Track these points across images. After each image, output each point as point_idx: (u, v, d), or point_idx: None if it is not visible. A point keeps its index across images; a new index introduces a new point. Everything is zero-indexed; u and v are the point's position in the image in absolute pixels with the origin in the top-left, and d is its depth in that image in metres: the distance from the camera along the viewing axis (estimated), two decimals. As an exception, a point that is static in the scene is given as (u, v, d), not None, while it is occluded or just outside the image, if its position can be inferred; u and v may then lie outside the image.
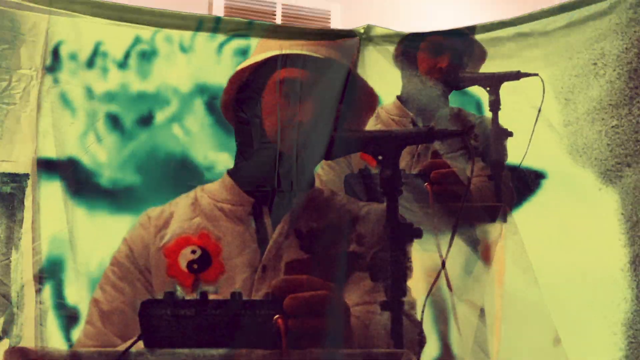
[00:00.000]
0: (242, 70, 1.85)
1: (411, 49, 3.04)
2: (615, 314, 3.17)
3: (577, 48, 3.28)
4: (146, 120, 3.62)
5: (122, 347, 1.44)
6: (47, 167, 3.65)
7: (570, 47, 3.26)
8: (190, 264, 1.83)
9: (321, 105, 1.82)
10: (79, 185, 3.62)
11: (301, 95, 1.82)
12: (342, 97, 1.85)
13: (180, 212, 1.91)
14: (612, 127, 3.23)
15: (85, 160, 3.67)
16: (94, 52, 3.59)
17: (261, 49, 1.88)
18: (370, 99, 1.91)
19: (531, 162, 3.29)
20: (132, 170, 3.64)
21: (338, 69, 1.83)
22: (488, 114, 2.91)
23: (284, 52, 1.82)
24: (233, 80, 1.86)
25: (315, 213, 1.88)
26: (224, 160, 2.15)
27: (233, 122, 1.92)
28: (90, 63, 3.64)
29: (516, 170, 3.03)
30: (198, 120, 3.63)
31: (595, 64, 3.27)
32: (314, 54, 1.82)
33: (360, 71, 2.07)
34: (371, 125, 2.93)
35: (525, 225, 3.01)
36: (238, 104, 1.88)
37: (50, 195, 3.64)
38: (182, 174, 3.55)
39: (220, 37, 3.65)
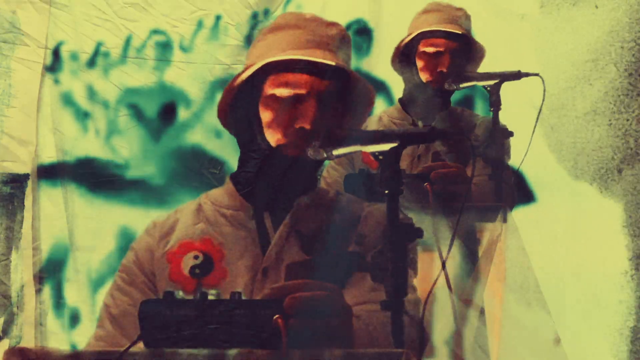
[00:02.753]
0: (236, 78, 1.85)
1: (409, 54, 3.05)
2: (616, 320, 3.17)
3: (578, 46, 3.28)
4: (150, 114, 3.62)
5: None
6: (48, 167, 3.65)
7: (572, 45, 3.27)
8: (192, 269, 1.84)
9: (320, 107, 1.82)
10: (79, 184, 3.62)
11: (299, 100, 1.82)
12: (340, 96, 1.85)
13: (184, 219, 1.92)
14: (613, 126, 3.23)
15: (87, 159, 3.67)
16: (95, 52, 3.60)
17: (253, 56, 1.88)
18: (367, 95, 1.91)
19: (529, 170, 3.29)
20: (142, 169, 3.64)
21: (333, 70, 1.83)
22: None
23: (275, 58, 1.82)
24: (228, 89, 1.86)
25: (318, 214, 1.88)
26: None
27: (232, 131, 1.92)
28: (91, 63, 3.64)
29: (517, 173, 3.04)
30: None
31: (596, 63, 3.27)
32: (307, 57, 1.82)
33: None
34: (374, 129, 2.93)
35: (525, 227, 3.01)
36: (236, 112, 1.88)
37: (51, 195, 3.65)
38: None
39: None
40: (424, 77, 3.01)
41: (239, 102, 1.86)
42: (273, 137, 1.83)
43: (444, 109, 3.09)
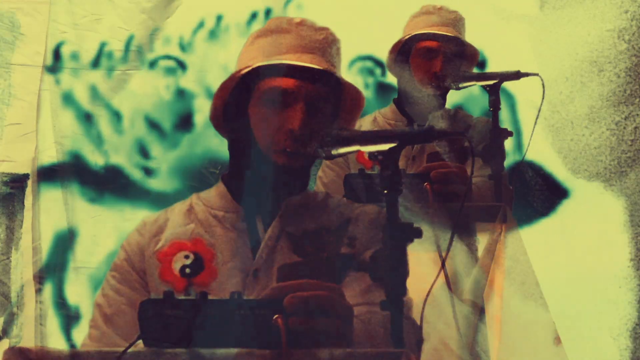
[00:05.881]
0: (227, 81, 1.86)
1: (404, 55, 3.06)
2: (618, 317, 3.17)
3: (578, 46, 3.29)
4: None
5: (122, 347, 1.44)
6: (47, 167, 3.66)
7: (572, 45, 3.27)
8: (183, 268, 1.85)
9: (309, 111, 1.83)
10: (79, 184, 3.63)
11: (288, 104, 1.83)
12: (329, 100, 1.86)
13: (175, 219, 1.93)
14: (613, 127, 3.24)
15: (88, 158, 3.68)
16: (98, 52, 3.60)
17: (243, 60, 1.88)
18: (356, 98, 1.91)
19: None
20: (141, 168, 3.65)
21: (321, 74, 1.84)
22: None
23: (265, 63, 1.83)
24: (219, 92, 1.87)
25: (308, 216, 1.89)
26: None
27: (224, 134, 1.93)
28: (95, 63, 3.64)
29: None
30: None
31: (595, 63, 3.28)
32: (294, 62, 1.83)
33: None
34: (369, 129, 2.94)
35: (525, 228, 3.02)
36: (226, 116, 1.89)
37: (51, 195, 3.65)
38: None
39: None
40: (417, 78, 3.03)
41: (230, 105, 1.87)
42: (263, 141, 1.85)
43: (439, 109, 3.10)
